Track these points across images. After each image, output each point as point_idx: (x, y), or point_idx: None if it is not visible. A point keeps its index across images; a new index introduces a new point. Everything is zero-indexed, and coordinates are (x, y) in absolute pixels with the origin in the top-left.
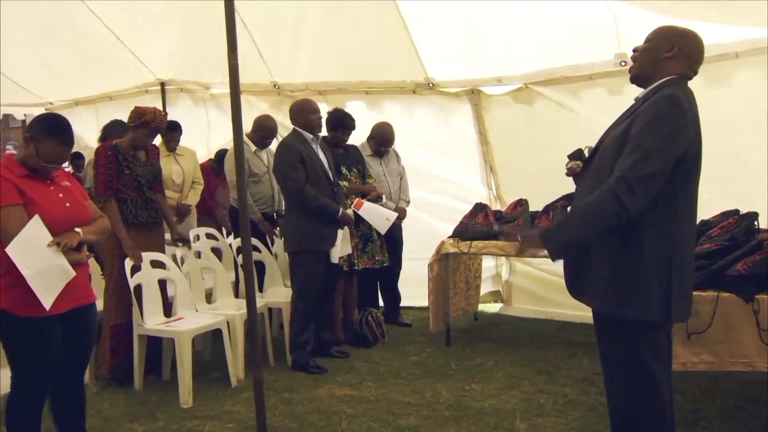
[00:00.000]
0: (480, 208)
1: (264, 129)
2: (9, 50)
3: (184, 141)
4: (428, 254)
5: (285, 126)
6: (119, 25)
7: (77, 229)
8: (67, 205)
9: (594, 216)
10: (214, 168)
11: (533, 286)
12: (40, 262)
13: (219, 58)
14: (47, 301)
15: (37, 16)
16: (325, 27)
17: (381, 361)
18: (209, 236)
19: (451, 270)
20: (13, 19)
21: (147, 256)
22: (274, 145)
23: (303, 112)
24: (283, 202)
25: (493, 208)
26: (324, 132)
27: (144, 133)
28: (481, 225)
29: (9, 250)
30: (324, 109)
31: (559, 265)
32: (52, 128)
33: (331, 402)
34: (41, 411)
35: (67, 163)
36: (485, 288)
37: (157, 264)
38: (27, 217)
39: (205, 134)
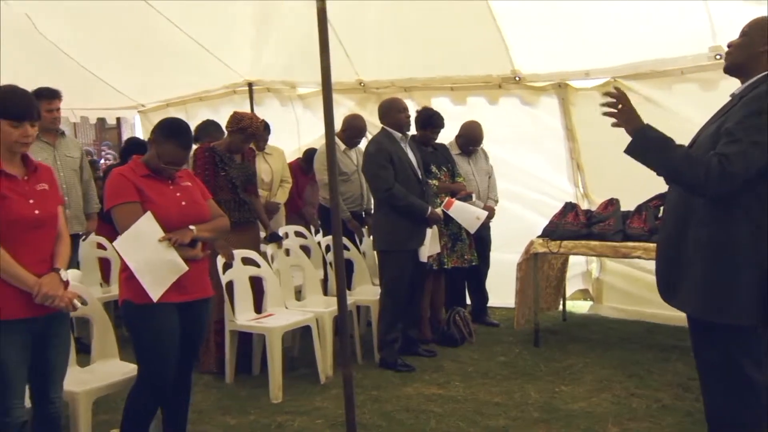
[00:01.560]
0: (570, 208)
1: (353, 128)
2: (105, 57)
3: (273, 140)
4: (516, 253)
5: (371, 123)
6: (202, 30)
7: (192, 227)
8: (183, 203)
9: (681, 166)
10: (302, 167)
11: (625, 283)
12: (149, 255)
13: (305, 58)
14: (155, 294)
15: (129, 24)
16: (411, 23)
17: (468, 361)
18: (298, 234)
19: (537, 269)
20: (107, 26)
21: (238, 254)
22: (362, 144)
23: (391, 111)
24: (372, 201)
25: (581, 207)
26: (412, 130)
27: (240, 139)
28: (571, 224)
29: (116, 243)
30: (410, 107)
31: (652, 264)
32: (171, 132)
33: (419, 401)
34: (162, 399)
35: None
36: (574, 285)
37: (248, 261)
38: (142, 214)
39: (294, 133)
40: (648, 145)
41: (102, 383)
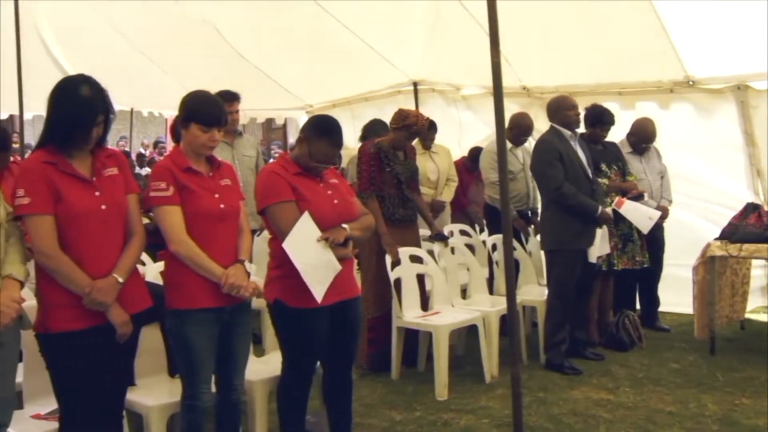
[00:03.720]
0: (752, 209)
1: (520, 127)
2: (277, 58)
3: (437, 139)
4: (689, 258)
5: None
6: (370, 31)
7: (344, 225)
8: (335, 201)
9: None
10: (467, 165)
11: None
12: (312, 256)
13: (470, 60)
14: (319, 294)
15: (301, 25)
16: (575, 27)
17: (638, 366)
18: (463, 233)
19: (716, 274)
20: (280, 28)
21: (406, 251)
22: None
23: (560, 109)
24: (539, 200)
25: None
26: (581, 129)
27: (405, 136)
28: (753, 227)
29: (285, 245)
30: None
31: None
32: (324, 130)
33: (587, 405)
34: (308, 393)
35: None
36: (754, 301)
37: (415, 259)
38: (299, 213)
39: (456, 134)
40: None
41: (275, 374)
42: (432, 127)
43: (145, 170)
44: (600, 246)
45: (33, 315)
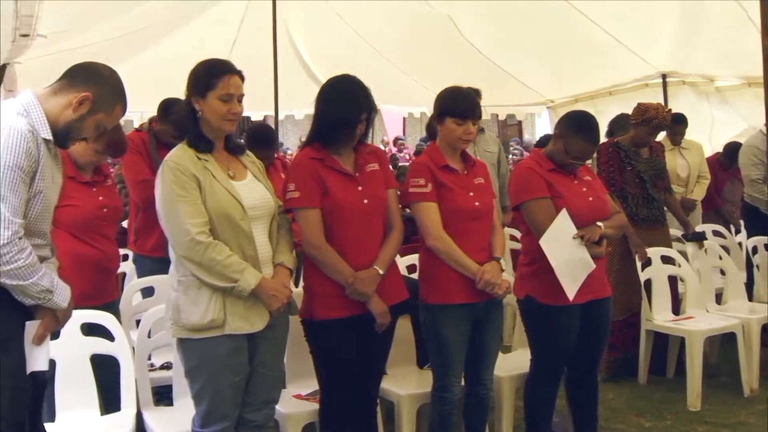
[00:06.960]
0: None
1: None
2: (519, 54)
3: (687, 135)
4: None
5: None
6: (616, 24)
7: (599, 223)
8: (590, 199)
9: None
10: (721, 162)
11: None
12: (566, 254)
13: (726, 48)
14: (571, 292)
15: (543, 20)
16: None
17: None
18: (716, 234)
19: None
20: (523, 24)
21: (657, 251)
22: None
23: None
24: None
25: None
26: None
27: (646, 131)
28: None
29: (542, 242)
30: None
31: None
32: (580, 126)
33: None
34: (556, 392)
35: None
36: None
37: (666, 260)
38: (554, 210)
39: (707, 129)
40: None
41: (523, 371)
42: (682, 121)
43: None
44: None
45: (298, 302)
